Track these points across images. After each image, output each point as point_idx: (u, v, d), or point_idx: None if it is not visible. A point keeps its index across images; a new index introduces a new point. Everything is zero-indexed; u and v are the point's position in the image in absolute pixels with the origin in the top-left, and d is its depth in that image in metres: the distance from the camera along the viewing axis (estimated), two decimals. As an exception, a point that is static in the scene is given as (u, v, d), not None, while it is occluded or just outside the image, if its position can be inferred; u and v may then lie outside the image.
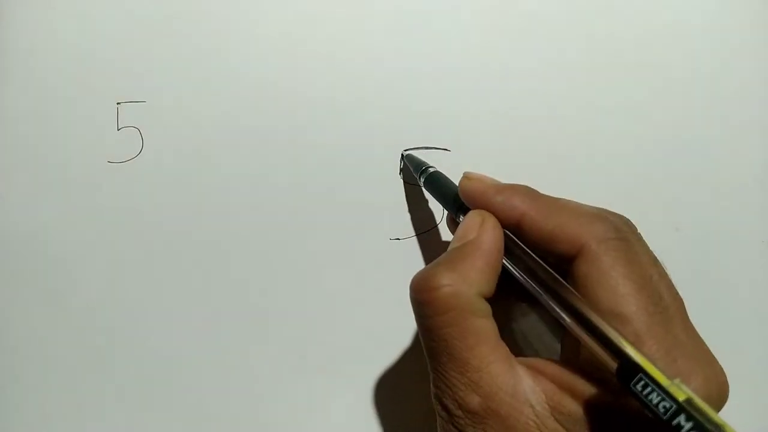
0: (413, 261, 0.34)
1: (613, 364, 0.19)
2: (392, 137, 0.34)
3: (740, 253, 0.34)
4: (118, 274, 0.34)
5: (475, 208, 0.25)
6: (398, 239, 0.34)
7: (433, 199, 0.34)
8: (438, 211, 0.34)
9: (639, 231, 0.24)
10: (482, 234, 0.24)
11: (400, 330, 0.33)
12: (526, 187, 0.25)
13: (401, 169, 0.34)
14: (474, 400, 0.21)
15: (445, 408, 0.22)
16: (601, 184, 0.34)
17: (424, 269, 0.24)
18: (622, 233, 0.23)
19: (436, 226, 0.34)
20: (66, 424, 0.34)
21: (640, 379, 0.18)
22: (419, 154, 0.34)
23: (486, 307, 0.23)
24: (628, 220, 0.24)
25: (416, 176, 0.31)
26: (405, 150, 0.33)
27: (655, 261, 0.23)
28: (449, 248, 0.25)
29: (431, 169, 0.30)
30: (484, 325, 0.22)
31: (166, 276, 0.34)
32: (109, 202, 0.34)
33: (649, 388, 0.18)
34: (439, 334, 0.22)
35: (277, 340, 0.34)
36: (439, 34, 0.35)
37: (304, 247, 0.34)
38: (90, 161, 0.35)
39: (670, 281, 0.23)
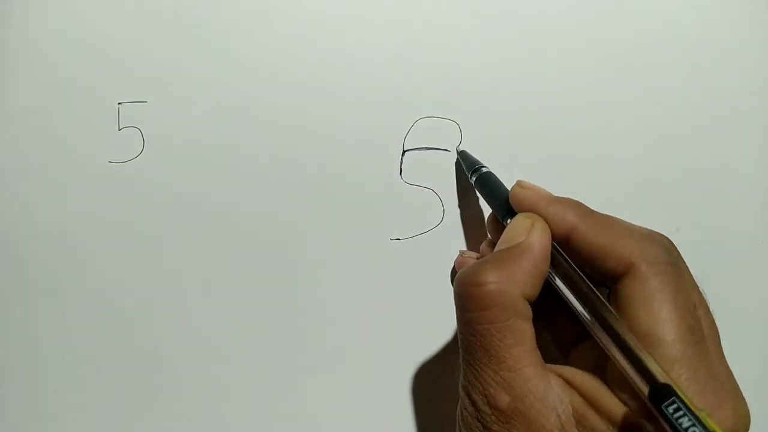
0: (413, 261, 0.34)
1: (644, 386, 0.20)
2: (392, 137, 0.34)
3: (740, 253, 0.34)
4: (118, 274, 0.34)
5: None
6: (398, 239, 0.34)
7: (433, 199, 0.34)
8: (438, 211, 0.34)
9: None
10: (531, 237, 0.24)
11: (401, 330, 0.33)
12: (578, 202, 0.25)
13: (401, 170, 0.34)
14: (504, 399, 0.22)
15: (473, 402, 0.23)
16: (602, 183, 0.34)
17: (471, 265, 0.24)
18: (673, 258, 0.23)
19: (436, 226, 0.34)
20: (66, 424, 0.34)
21: (673, 402, 0.18)
22: (423, 154, 0.34)
23: (528, 310, 0.23)
24: (673, 243, 0.24)
25: (468, 174, 0.31)
26: (458, 150, 0.33)
27: (696, 288, 0.23)
28: (496, 248, 0.25)
29: (484, 169, 0.30)
30: (524, 327, 0.23)
31: (167, 276, 0.34)
32: (110, 202, 0.35)
33: (681, 412, 0.18)
34: (479, 329, 0.22)
35: (277, 339, 0.34)
36: (440, 34, 0.35)
37: (304, 247, 0.34)
38: (91, 161, 0.35)
39: (708, 309, 0.23)
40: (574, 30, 0.35)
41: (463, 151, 0.33)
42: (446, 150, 0.34)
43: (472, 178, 0.31)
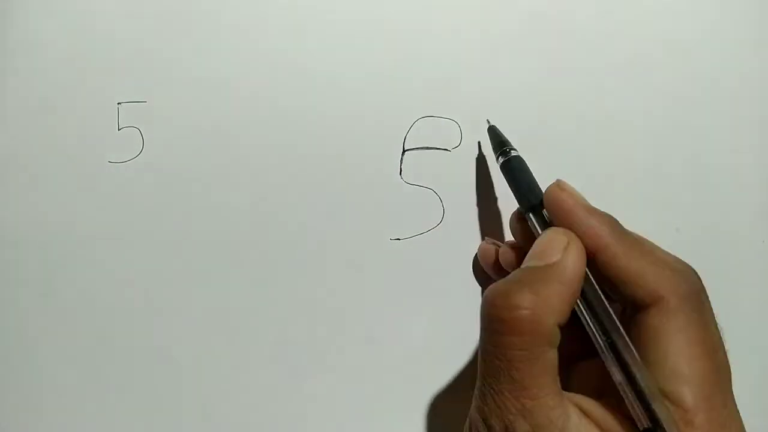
0: (413, 261, 0.34)
1: (644, 423, 0.20)
2: (392, 137, 0.34)
3: (740, 253, 0.34)
4: (118, 274, 0.34)
5: (556, 221, 0.25)
6: (398, 239, 0.34)
7: (433, 199, 0.34)
8: (438, 211, 0.34)
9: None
10: (567, 258, 0.22)
11: (401, 330, 0.33)
12: (613, 218, 0.25)
13: (401, 170, 0.34)
14: (523, 428, 0.21)
15: (489, 428, 0.22)
16: (602, 183, 0.34)
17: (502, 283, 0.23)
18: (701, 294, 0.23)
19: (436, 226, 0.34)
20: (66, 423, 0.34)
21: None
22: (423, 154, 0.34)
23: (558, 337, 0.22)
24: (699, 277, 0.24)
25: (495, 155, 0.29)
26: (489, 122, 0.31)
27: (717, 324, 0.23)
28: (527, 263, 0.24)
29: (513, 153, 0.28)
30: (553, 357, 0.22)
31: (167, 275, 0.34)
32: (110, 202, 0.35)
33: None
34: (507, 354, 0.22)
35: (277, 339, 0.34)
36: (440, 34, 0.35)
37: (304, 247, 0.34)
38: (90, 161, 0.35)
39: (724, 346, 0.23)
40: (574, 30, 0.35)
41: (493, 126, 0.30)
42: (446, 150, 0.34)
43: (499, 160, 0.28)
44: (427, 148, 0.34)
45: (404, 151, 0.34)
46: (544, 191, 0.26)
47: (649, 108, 0.34)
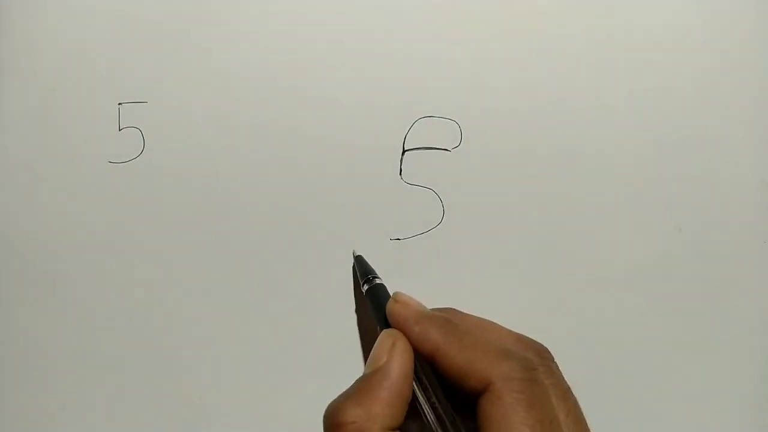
0: (413, 261, 0.34)
1: None
2: (393, 137, 0.34)
3: (741, 253, 0.34)
4: (118, 274, 0.34)
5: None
6: (398, 239, 0.34)
7: (433, 199, 0.34)
8: (438, 211, 0.34)
9: (554, 361, 0.25)
10: (391, 360, 0.24)
11: (400, 330, 0.33)
12: (448, 315, 0.26)
13: (401, 170, 0.34)
14: None
15: None
16: (602, 184, 0.34)
17: (335, 400, 0.24)
18: (529, 371, 0.23)
19: (436, 226, 0.34)
20: (67, 423, 0.34)
21: None
22: (423, 154, 0.34)
23: None
24: (545, 351, 0.25)
25: (360, 282, 0.31)
26: (355, 253, 0.33)
27: (564, 396, 0.24)
28: (365, 370, 0.25)
29: (377, 281, 0.31)
30: None
31: (167, 275, 0.34)
32: (111, 203, 0.35)
33: None
34: None
35: (277, 339, 0.34)
36: (440, 34, 0.35)
37: (304, 247, 0.34)
38: (91, 161, 0.35)
39: (577, 417, 0.24)
40: (574, 29, 0.35)
41: (359, 256, 0.33)
42: (446, 150, 0.34)
43: (364, 288, 0.31)
44: (427, 148, 0.34)
45: (404, 151, 0.34)
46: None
47: (650, 108, 0.34)
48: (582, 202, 0.34)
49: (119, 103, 0.35)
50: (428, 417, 0.24)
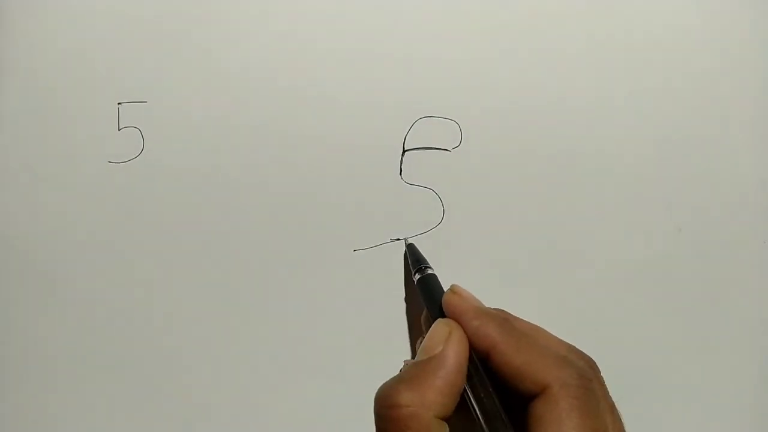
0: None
1: None
2: (393, 137, 0.34)
3: (741, 253, 0.34)
4: (118, 274, 0.34)
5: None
6: (398, 239, 0.34)
7: (433, 199, 0.34)
8: (438, 211, 0.34)
9: (601, 375, 0.25)
10: (447, 349, 0.24)
11: (400, 330, 0.33)
12: (504, 315, 0.26)
13: (401, 171, 0.34)
14: None
15: None
16: (602, 184, 0.34)
17: (389, 382, 0.24)
18: (585, 380, 0.23)
19: (436, 226, 0.34)
20: (67, 423, 0.34)
21: None
22: (423, 154, 0.34)
23: (444, 429, 0.23)
24: (595, 364, 0.25)
25: (412, 270, 0.31)
26: (407, 241, 0.34)
27: (612, 410, 0.24)
28: (416, 359, 0.25)
29: (429, 271, 0.31)
30: None
31: (167, 275, 0.34)
32: (110, 202, 0.35)
33: None
34: None
35: (277, 339, 0.34)
36: (440, 34, 0.35)
37: (304, 247, 0.34)
38: (91, 161, 0.35)
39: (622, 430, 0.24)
40: (574, 29, 0.35)
41: (411, 244, 0.33)
42: (446, 150, 0.34)
43: (415, 277, 0.31)
44: (427, 148, 0.34)
45: (404, 151, 0.34)
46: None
47: (650, 108, 0.34)
48: (582, 202, 0.34)
49: (119, 103, 0.35)
50: (477, 412, 0.24)
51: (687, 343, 0.34)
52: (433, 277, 0.30)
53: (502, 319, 0.25)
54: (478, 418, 0.24)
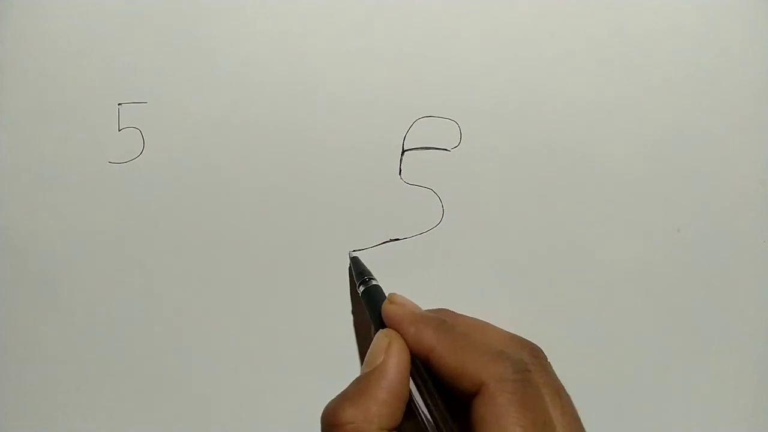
0: (413, 261, 0.34)
1: None
2: (392, 137, 0.34)
3: (741, 253, 0.34)
4: (118, 274, 0.34)
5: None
6: (398, 239, 0.34)
7: (433, 199, 0.34)
8: (438, 211, 0.34)
9: (547, 361, 0.25)
10: (387, 360, 0.24)
11: (400, 330, 0.33)
12: (441, 318, 0.26)
13: (401, 170, 0.34)
14: None
15: None
16: (602, 184, 0.34)
17: (333, 401, 0.24)
18: (521, 373, 0.23)
19: (436, 226, 0.34)
20: (67, 423, 0.34)
21: None
22: (423, 154, 0.34)
23: None
24: (538, 351, 0.25)
25: (356, 282, 0.32)
26: (353, 251, 0.34)
27: (558, 394, 0.24)
28: (362, 369, 0.25)
29: (373, 282, 0.31)
30: None
31: (166, 276, 0.34)
32: (110, 203, 0.35)
33: None
34: None
35: (276, 339, 0.34)
36: (440, 34, 0.35)
37: (304, 247, 0.34)
38: (91, 162, 0.35)
39: (572, 416, 0.24)
40: (574, 30, 0.35)
41: (355, 257, 0.33)
42: (446, 150, 0.34)
43: (360, 289, 0.31)
44: (427, 148, 0.34)
45: (404, 151, 0.34)
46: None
47: (650, 108, 0.34)
48: (582, 202, 0.34)
49: (119, 104, 0.35)
50: (424, 417, 0.24)
51: (687, 343, 0.34)
52: (377, 288, 0.30)
53: (439, 321, 0.25)
54: (425, 424, 0.24)
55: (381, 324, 0.27)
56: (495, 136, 0.34)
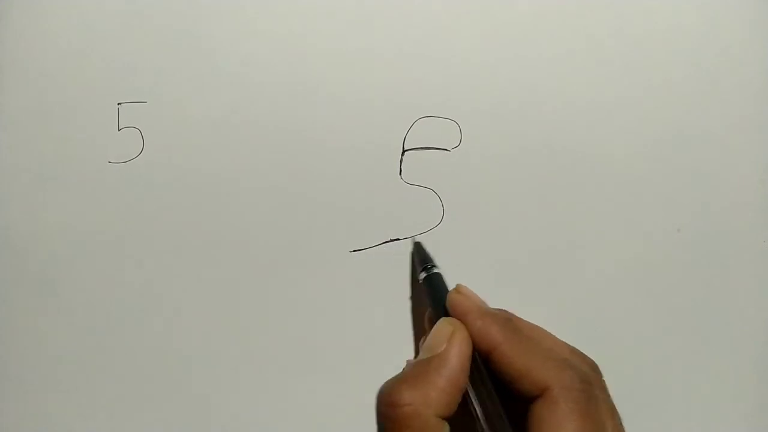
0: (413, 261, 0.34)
1: None
2: (392, 137, 0.34)
3: (741, 253, 0.34)
4: (118, 274, 0.34)
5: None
6: (398, 239, 0.34)
7: (433, 199, 0.34)
8: (438, 211, 0.34)
9: (603, 379, 0.25)
10: (450, 348, 0.24)
11: (400, 330, 0.33)
12: (508, 316, 0.26)
13: (401, 171, 0.34)
14: None
15: None
16: (602, 185, 0.34)
17: (391, 381, 0.24)
18: (586, 384, 0.23)
19: (436, 226, 0.34)
20: (67, 423, 0.34)
21: None
22: (423, 154, 0.34)
23: (445, 428, 0.23)
24: (597, 367, 0.25)
25: (418, 269, 0.31)
26: (415, 239, 0.33)
27: (612, 414, 0.24)
28: (418, 357, 0.25)
29: (435, 270, 0.31)
30: None
31: (166, 276, 0.34)
32: (110, 203, 0.35)
33: None
34: None
35: (276, 339, 0.34)
36: (440, 34, 0.35)
37: (304, 247, 0.34)
38: (91, 161, 0.35)
39: None
40: (574, 29, 0.35)
41: (418, 243, 0.33)
42: (446, 150, 0.34)
43: (421, 276, 0.31)
44: (427, 148, 0.34)
45: (404, 151, 0.34)
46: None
47: (650, 108, 0.34)
48: (582, 202, 0.34)
49: (119, 103, 0.35)
50: (477, 412, 0.24)
51: (687, 343, 0.34)
52: (439, 276, 0.30)
53: (506, 319, 0.25)
54: (479, 418, 0.23)
55: (442, 312, 0.27)
56: (495, 136, 0.34)
